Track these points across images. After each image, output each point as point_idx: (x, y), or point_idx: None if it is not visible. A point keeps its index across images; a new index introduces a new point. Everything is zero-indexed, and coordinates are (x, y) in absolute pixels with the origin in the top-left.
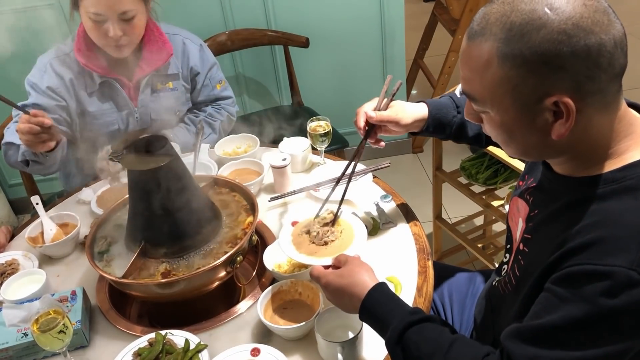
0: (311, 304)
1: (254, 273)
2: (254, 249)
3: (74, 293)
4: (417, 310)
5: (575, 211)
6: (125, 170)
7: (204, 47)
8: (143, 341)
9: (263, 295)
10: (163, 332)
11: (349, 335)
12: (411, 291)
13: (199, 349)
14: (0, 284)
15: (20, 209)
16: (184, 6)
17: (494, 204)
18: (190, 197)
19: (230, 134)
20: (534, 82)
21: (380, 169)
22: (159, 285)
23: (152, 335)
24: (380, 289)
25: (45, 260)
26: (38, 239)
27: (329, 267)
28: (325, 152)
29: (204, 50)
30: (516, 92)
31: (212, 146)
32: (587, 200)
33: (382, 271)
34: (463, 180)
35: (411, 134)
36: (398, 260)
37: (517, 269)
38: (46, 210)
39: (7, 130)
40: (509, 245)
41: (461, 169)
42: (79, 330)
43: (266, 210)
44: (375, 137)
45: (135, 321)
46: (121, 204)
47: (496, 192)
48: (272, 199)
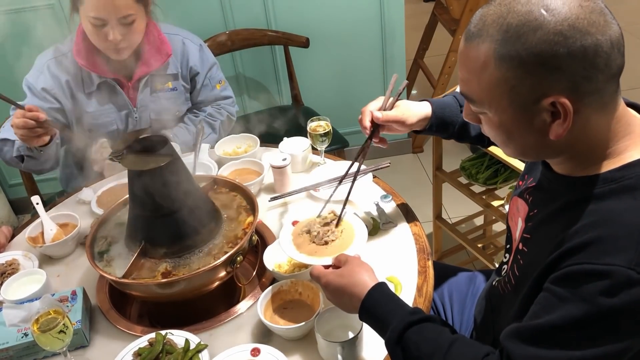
0: (311, 304)
1: (254, 273)
2: (254, 249)
3: (74, 293)
4: (417, 310)
5: (574, 211)
6: (119, 167)
7: (204, 47)
8: (143, 341)
9: (263, 295)
10: (163, 332)
11: (349, 335)
12: (411, 291)
13: (199, 349)
14: (1, 284)
15: (21, 209)
16: (184, 6)
17: (494, 204)
18: (191, 197)
19: (230, 134)
20: (531, 83)
21: (380, 169)
22: (159, 285)
23: (152, 335)
24: (380, 289)
25: (46, 260)
26: (38, 239)
27: (329, 267)
28: (325, 152)
29: (203, 50)
30: (513, 93)
31: (212, 146)
32: (586, 199)
33: (382, 271)
34: (463, 180)
35: (414, 132)
36: (398, 260)
37: (517, 268)
38: (46, 210)
39: (3, 127)
40: (508, 245)
41: (461, 169)
42: (79, 330)
43: (266, 210)
44: (379, 137)
45: (135, 321)
46: (121, 204)
47: (496, 192)
48: (272, 199)
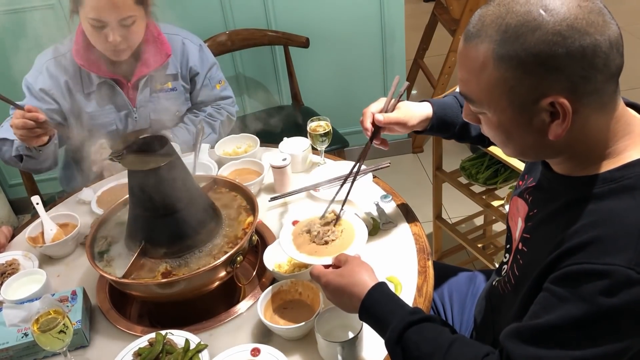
0: (311, 304)
1: (254, 273)
2: (254, 249)
3: (74, 293)
4: (417, 310)
5: (573, 210)
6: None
7: (204, 47)
8: (143, 341)
9: (263, 295)
10: (163, 332)
11: (349, 335)
12: (411, 291)
13: (199, 348)
14: (1, 284)
15: (21, 209)
16: (184, 6)
17: (494, 204)
18: (191, 197)
19: (230, 134)
20: (530, 83)
21: (380, 169)
22: (159, 285)
23: (153, 335)
24: (380, 289)
25: (46, 260)
26: (38, 239)
27: (329, 267)
28: (325, 152)
29: (203, 51)
30: (512, 93)
31: (212, 146)
32: (586, 199)
33: (382, 271)
34: (463, 180)
35: (414, 132)
36: (398, 260)
37: (517, 268)
38: (46, 210)
39: (2, 127)
40: (508, 245)
41: (461, 169)
42: (79, 330)
43: (266, 210)
44: (380, 138)
45: (135, 321)
46: (121, 204)
47: (496, 192)
48: (272, 199)
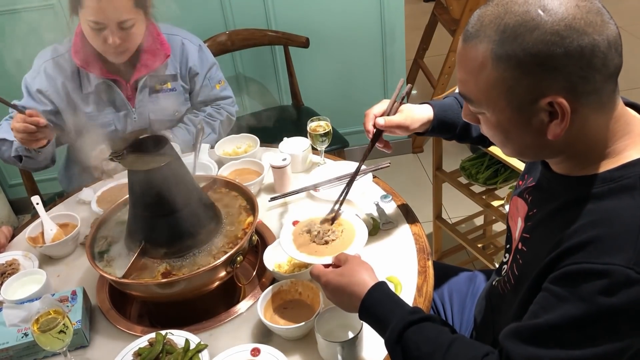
0: (311, 303)
1: (254, 273)
2: (254, 249)
3: (74, 293)
4: (417, 310)
5: (572, 210)
6: (119, 169)
7: (203, 48)
8: (143, 341)
9: (263, 295)
10: (163, 332)
11: (349, 335)
12: (411, 291)
13: (199, 348)
14: (1, 284)
15: (21, 209)
16: (183, 6)
17: (494, 204)
18: (190, 197)
19: (230, 134)
20: (529, 83)
21: (380, 169)
22: (159, 285)
23: (152, 335)
24: (380, 289)
25: (46, 260)
26: (38, 239)
27: (330, 266)
28: (325, 152)
29: (203, 51)
30: (511, 93)
31: (212, 146)
32: (585, 199)
33: (382, 271)
34: (463, 180)
35: (415, 134)
36: (398, 260)
37: (516, 268)
38: (46, 210)
39: (0, 127)
40: (508, 245)
41: (461, 169)
42: (79, 330)
43: (266, 210)
44: (383, 141)
45: (135, 321)
46: (121, 204)
47: (496, 192)
48: (272, 199)
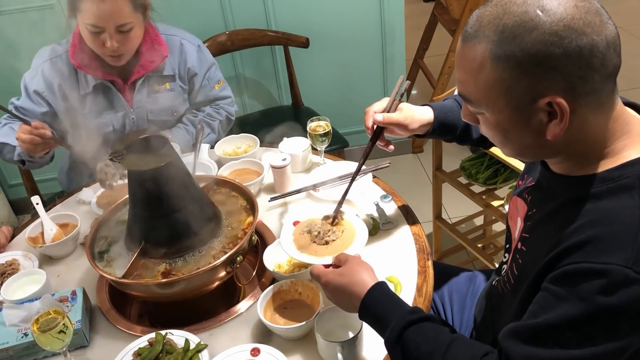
0: (311, 303)
1: (254, 273)
2: (254, 249)
3: (74, 293)
4: (417, 310)
5: (571, 210)
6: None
7: (202, 48)
8: (143, 341)
9: (263, 295)
10: (163, 332)
11: (349, 335)
12: (411, 291)
13: (199, 348)
14: (1, 284)
15: (21, 209)
16: (183, 6)
17: (493, 203)
18: (190, 197)
19: (230, 134)
20: (527, 84)
21: (380, 169)
22: (159, 285)
23: (152, 335)
24: (380, 288)
25: (46, 260)
26: (38, 239)
27: (330, 266)
28: (325, 152)
29: (201, 51)
30: (510, 94)
31: (212, 146)
32: (584, 199)
33: (382, 271)
34: (463, 180)
35: (415, 136)
36: (398, 260)
37: (516, 268)
38: (46, 211)
39: (1, 132)
40: (508, 245)
41: (461, 169)
42: (79, 330)
43: (266, 210)
44: (384, 140)
45: (135, 321)
46: (121, 204)
47: (496, 192)
48: (272, 199)
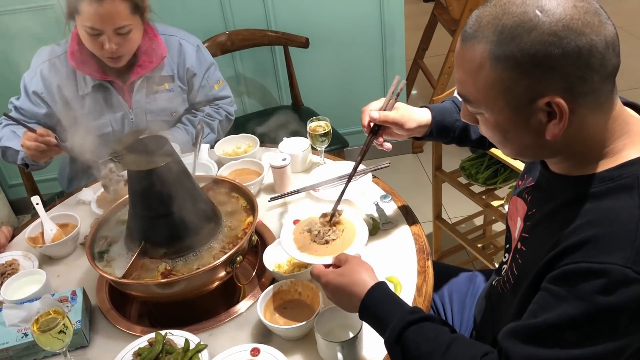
0: (311, 303)
1: (254, 273)
2: (254, 249)
3: (74, 293)
4: (417, 310)
5: (571, 210)
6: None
7: (201, 48)
8: (143, 341)
9: (263, 295)
10: (163, 332)
11: (349, 335)
12: (411, 291)
13: (199, 348)
14: (1, 284)
15: (21, 209)
16: (183, 6)
17: (493, 203)
18: (190, 197)
19: (229, 134)
20: (526, 84)
21: (380, 169)
22: (159, 285)
23: (152, 335)
24: (380, 288)
25: (46, 260)
26: (38, 239)
27: (330, 266)
28: (325, 152)
29: (201, 51)
30: (509, 94)
31: (212, 146)
32: (583, 198)
33: (382, 271)
34: (463, 180)
35: (413, 138)
36: (398, 260)
37: (515, 268)
38: (46, 211)
39: (3, 135)
40: (508, 245)
41: (461, 169)
42: (79, 330)
43: (266, 210)
44: (382, 140)
45: (135, 321)
46: (121, 204)
47: (496, 192)
48: (272, 199)
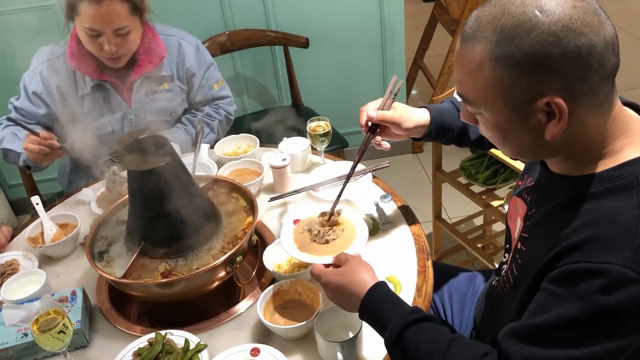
0: (311, 303)
1: (254, 273)
2: (254, 249)
3: (74, 293)
4: (417, 310)
5: (570, 210)
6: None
7: (201, 48)
8: (143, 341)
9: (263, 295)
10: (163, 332)
11: (349, 335)
12: (410, 291)
13: (199, 348)
14: (0, 284)
15: (21, 209)
16: (183, 7)
17: (493, 203)
18: (190, 197)
19: (229, 134)
20: (526, 84)
21: (380, 169)
22: (159, 285)
23: (152, 335)
24: (380, 288)
25: (45, 260)
26: (38, 239)
27: (330, 266)
28: (325, 152)
29: (200, 51)
30: (508, 94)
31: (212, 146)
32: (583, 198)
33: (382, 271)
34: (463, 180)
35: (412, 139)
36: (397, 260)
37: (515, 268)
38: (46, 211)
39: (4, 137)
40: (508, 245)
41: (461, 169)
42: (79, 330)
43: (266, 211)
44: (380, 141)
45: (135, 321)
46: (121, 204)
47: (496, 192)
48: (272, 199)
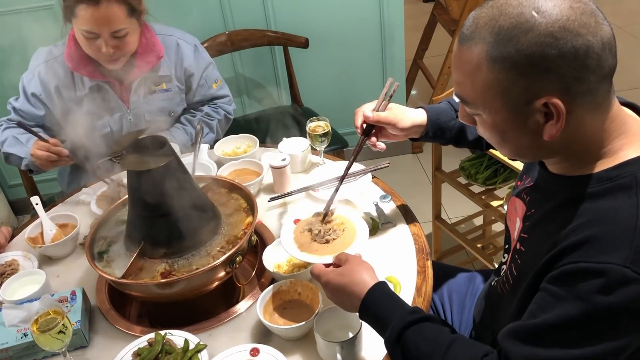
0: (310, 303)
1: (254, 273)
2: (254, 249)
3: (73, 293)
4: (417, 310)
5: (569, 210)
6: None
7: (199, 47)
8: (143, 341)
9: (262, 295)
10: (162, 332)
11: (349, 335)
12: (410, 291)
13: (199, 349)
14: (0, 284)
15: (20, 209)
16: (183, 7)
17: (493, 204)
18: (190, 198)
19: (229, 133)
20: (523, 85)
21: (380, 169)
22: (159, 285)
23: (152, 335)
24: (380, 288)
25: (45, 260)
26: (38, 239)
27: (330, 266)
28: (324, 153)
29: (198, 51)
30: (506, 95)
31: (212, 146)
32: (582, 199)
33: (382, 271)
34: (462, 180)
35: (410, 140)
36: (397, 260)
37: (515, 268)
38: (46, 211)
39: (5, 139)
40: (507, 245)
41: (460, 169)
42: (79, 331)
43: (265, 211)
44: (375, 142)
45: (134, 321)
46: (121, 204)
47: (495, 192)
48: (272, 199)
